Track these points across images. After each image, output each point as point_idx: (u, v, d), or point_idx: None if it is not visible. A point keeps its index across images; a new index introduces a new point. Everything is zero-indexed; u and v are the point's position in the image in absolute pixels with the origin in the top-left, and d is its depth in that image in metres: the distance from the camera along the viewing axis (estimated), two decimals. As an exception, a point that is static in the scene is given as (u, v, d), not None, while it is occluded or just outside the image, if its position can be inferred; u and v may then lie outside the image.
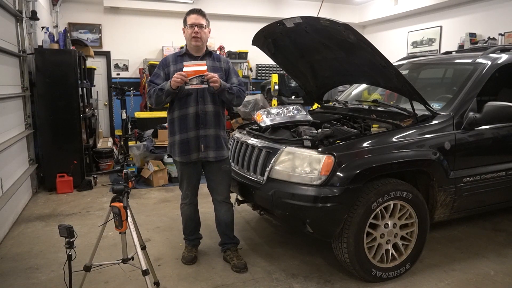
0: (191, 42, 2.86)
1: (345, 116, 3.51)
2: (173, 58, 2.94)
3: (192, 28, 2.82)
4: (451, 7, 8.29)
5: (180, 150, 2.91)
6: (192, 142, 2.88)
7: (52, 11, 7.61)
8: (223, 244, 3.15)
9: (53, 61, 5.01)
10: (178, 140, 2.90)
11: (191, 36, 2.83)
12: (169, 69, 2.88)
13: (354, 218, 2.58)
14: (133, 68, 9.15)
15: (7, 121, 4.08)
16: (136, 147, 5.78)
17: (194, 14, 2.84)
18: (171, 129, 2.97)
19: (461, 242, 3.44)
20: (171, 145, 2.99)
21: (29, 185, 4.83)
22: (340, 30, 2.63)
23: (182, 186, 3.07)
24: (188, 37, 2.86)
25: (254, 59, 9.47)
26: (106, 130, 8.98)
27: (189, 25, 2.83)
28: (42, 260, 3.14)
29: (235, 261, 3.00)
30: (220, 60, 2.98)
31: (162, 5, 8.68)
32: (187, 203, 3.08)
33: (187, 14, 2.89)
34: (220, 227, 3.12)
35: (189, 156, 2.90)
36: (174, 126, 2.93)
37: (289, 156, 2.73)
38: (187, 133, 2.87)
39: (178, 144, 2.91)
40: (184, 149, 2.89)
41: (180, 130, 2.89)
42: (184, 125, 2.87)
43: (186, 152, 2.90)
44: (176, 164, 3.06)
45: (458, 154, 2.90)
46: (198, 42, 2.85)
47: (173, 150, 2.97)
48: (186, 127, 2.87)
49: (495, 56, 3.27)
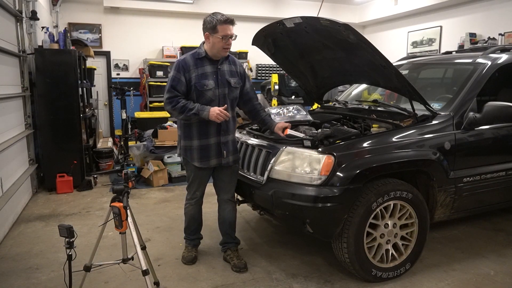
0: (220, 52, 2.77)
1: (345, 116, 3.51)
2: (193, 61, 2.80)
3: (225, 39, 2.72)
4: (451, 7, 8.29)
5: (199, 155, 2.85)
6: (213, 148, 2.85)
7: (52, 11, 7.61)
8: (224, 243, 3.15)
9: (53, 61, 5.01)
10: (197, 145, 2.84)
11: (222, 46, 2.74)
12: (190, 74, 2.76)
13: (354, 218, 2.58)
14: (133, 68, 9.15)
15: (7, 121, 4.08)
16: (136, 147, 5.79)
17: (229, 25, 2.72)
18: (187, 133, 2.87)
19: (461, 242, 3.44)
20: (187, 149, 2.89)
21: (29, 185, 4.83)
22: (340, 30, 2.63)
23: (193, 187, 3.02)
24: (219, 47, 2.74)
25: (254, 59, 9.47)
26: (106, 130, 8.98)
27: (223, 37, 2.70)
28: (42, 260, 3.14)
29: (235, 261, 3.00)
30: (236, 64, 2.97)
31: (162, 5, 8.68)
32: (193, 203, 3.07)
33: (219, 22, 2.70)
34: (224, 226, 3.11)
35: (209, 161, 2.87)
36: (191, 131, 2.84)
37: (289, 156, 2.73)
38: (207, 139, 2.83)
39: (197, 150, 2.85)
40: (204, 155, 2.85)
41: (199, 135, 2.83)
42: (205, 131, 2.82)
43: (206, 158, 2.86)
44: (188, 166, 2.99)
45: (458, 154, 2.89)
46: (227, 53, 2.83)
47: (189, 155, 2.89)
48: (207, 133, 2.82)
49: (495, 56, 3.27)
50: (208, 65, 2.81)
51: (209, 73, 2.80)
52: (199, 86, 2.76)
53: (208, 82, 2.77)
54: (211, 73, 2.80)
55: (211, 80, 2.79)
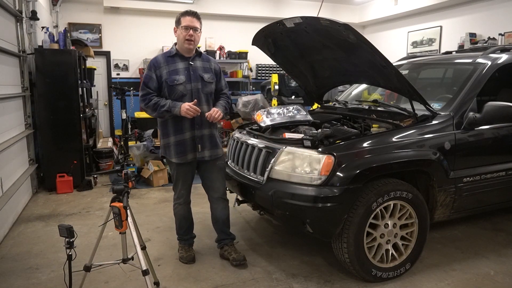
0: (183, 44, 2.87)
1: (345, 116, 3.51)
2: (164, 59, 2.92)
3: (186, 30, 2.83)
4: (451, 7, 8.29)
5: (176, 151, 2.93)
6: (188, 143, 2.92)
7: (52, 11, 7.61)
8: (220, 240, 3.20)
9: (53, 61, 5.01)
10: (173, 141, 2.93)
11: (184, 38, 2.84)
12: (161, 70, 2.88)
13: (354, 218, 2.58)
14: (133, 68, 9.14)
15: (7, 121, 4.08)
16: (136, 147, 5.79)
17: (189, 17, 2.85)
18: (164, 131, 2.97)
19: (461, 242, 3.44)
20: (165, 146, 2.99)
21: (29, 185, 4.83)
22: (340, 30, 2.63)
23: (177, 186, 3.07)
24: (182, 39, 2.87)
25: (254, 59, 9.46)
26: (106, 130, 8.97)
27: (184, 27, 2.83)
28: (42, 260, 3.14)
29: (234, 255, 3.04)
30: (209, 61, 3.05)
31: (162, 5, 8.67)
32: (181, 203, 3.09)
33: (181, 15, 2.88)
34: (218, 225, 3.16)
35: (186, 156, 2.94)
36: (167, 128, 2.94)
37: (289, 156, 2.73)
38: (183, 134, 2.91)
39: (174, 145, 2.93)
40: (180, 150, 2.92)
41: (175, 131, 2.91)
42: (179, 126, 2.90)
43: (182, 153, 2.93)
44: (170, 165, 3.07)
45: (458, 154, 2.90)
46: (191, 45, 2.89)
47: (168, 152, 2.98)
48: (182, 128, 2.90)
49: (495, 56, 3.27)
50: (179, 61, 2.91)
51: (180, 69, 2.89)
52: (170, 81, 2.85)
53: (178, 77, 2.86)
54: (183, 69, 2.90)
55: (182, 75, 2.87)
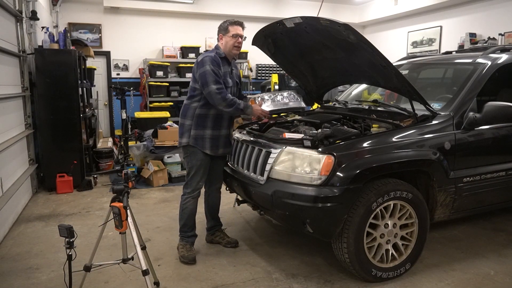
0: (232, 51, 3.09)
1: (345, 116, 3.51)
2: (218, 59, 3.06)
3: (236, 38, 3.05)
4: (451, 7, 8.29)
5: (211, 144, 3.11)
6: (222, 139, 3.18)
7: (52, 11, 7.61)
8: (211, 227, 3.45)
9: (53, 61, 5.01)
10: (209, 134, 3.10)
11: (233, 45, 3.07)
12: (220, 69, 3.04)
13: (354, 218, 2.58)
14: (133, 68, 9.15)
15: (7, 121, 4.08)
16: (136, 147, 5.79)
17: (239, 26, 3.08)
18: (201, 123, 3.08)
19: (461, 242, 3.44)
20: (197, 137, 3.09)
21: (29, 185, 4.83)
22: (340, 30, 2.63)
23: (196, 177, 3.16)
24: (230, 46, 3.07)
25: (254, 59, 9.47)
26: (106, 130, 8.97)
27: (234, 35, 3.05)
28: (42, 260, 3.14)
29: (227, 238, 3.37)
30: (237, 67, 3.34)
31: (162, 5, 8.68)
32: (195, 196, 3.19)
33: (230, 23, 3.06)
34: (212, 211, 3.44)
35: (218, 150, 3.17)
36: (206, 121, 3.09)
37: (289, 156, 2.73)
38: (220, 130, 3.14)
39: (210, 139, 3.11)
40: (215, 144, 3.13)
41: (213, 126, 3.10)
42: (219, 123, 3.12)
43: (216, 147, 3.15)
44: (194, 156, 3.12)
45: (458, 154, 2.90)
46: (238, 51, 3.14)
47: (200, 143, 3.10)
48: (221, 125, 3.13)
49: (495, 56, 3.27)
50: (226, 65, 3.13)
51: (227, 72, 3.13)
52: (226, 82, 3.06)
53: (229, 80, 3.11)
54: (228, 72, 3.14)
55: (229, 79, 3.13)
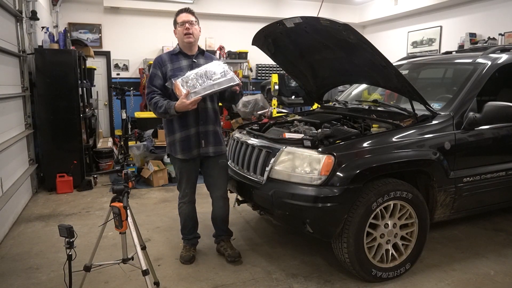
0: (183, 40, 2.92)
1: (345, 116, 3.51)
2: (168, 57, 2.98)
3: (183, 25, 2.89)
4: (451, 7, 8.29)
5: (181, 147, 2.95)
6: (193, 139, 2.95)
7: (52, 11, 7.61)
8: (217, 236, 3.25)
9: (53, 61, 5.00)
10: (179, 137, 2.95)
11: (183, 33, 2.90)
12: (166, 68, 2.93)
13: (354, 218, 2.58)
14: (133, 68, 9.15)
15: (7, 121, 4.08)
16: (136, 147, 5.78)
17: (183, 13, 2.94)
18: (170, 128, 2.99)
19: (461, 242, 3.44)
20: (171, 143, 3.01)
21: (29, 185, 4.83)
22: (340, 30, 2.63)
23: (181, 184, 3.09)
24: (181, 35, 2.93)
25: (254, 59, 9.46)
26: (106, 130, 8.97)
27: (180, 23, 2.91)
28: (42, 260, 3.14)
29: (229, 251, 3.11)
30: (212, 58, 3.06)
31: (162, 5, 8.67)
32: (186, 201, 3.10)
33: (176, 15, 2.97)
34: (216, 222, 3.21)
35: (191, 152, 2.96)
36: (173, 125, 2.96)
37: (289, 156, 2.73)
38: (188, 130, 2.93)
39: (179, 142, 2.95)
40: (185, 146, 2.95)
41: (180, 127, 2.94)
42: (184, 122, 2.92)
43: (187, 149, 2.95)
44: (175, 163, 3.08)
45: (458, 154, 2.90)
46: (190, 38, 2.91)
47: (173, 149, 3.00)
48: (187, 124, 2.92)
49: (495, 56, 3.27)
50: (183, 59, 2.97)
51: (184, 66, 2.93)
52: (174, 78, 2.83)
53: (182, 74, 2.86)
54: (187, 66, 2.94)
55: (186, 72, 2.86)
